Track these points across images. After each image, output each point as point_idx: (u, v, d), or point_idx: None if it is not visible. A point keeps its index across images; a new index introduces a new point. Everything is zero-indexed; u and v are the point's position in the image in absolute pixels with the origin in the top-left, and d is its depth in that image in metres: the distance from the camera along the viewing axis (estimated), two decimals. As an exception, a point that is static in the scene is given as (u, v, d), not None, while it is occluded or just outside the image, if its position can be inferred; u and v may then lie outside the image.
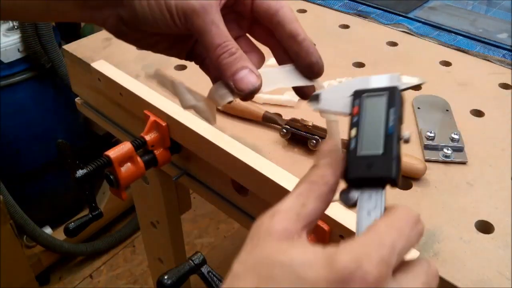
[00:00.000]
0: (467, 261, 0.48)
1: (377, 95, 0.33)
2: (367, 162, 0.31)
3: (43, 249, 1.46)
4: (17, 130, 1.37)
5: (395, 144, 0.32)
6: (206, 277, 0.52)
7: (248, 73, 0.38)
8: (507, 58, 0.80)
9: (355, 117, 0.33)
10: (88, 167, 0.61)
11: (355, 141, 0.32)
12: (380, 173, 0.31)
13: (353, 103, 0.34)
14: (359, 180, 0.31)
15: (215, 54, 0.38)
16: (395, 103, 0.32)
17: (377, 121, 0.32)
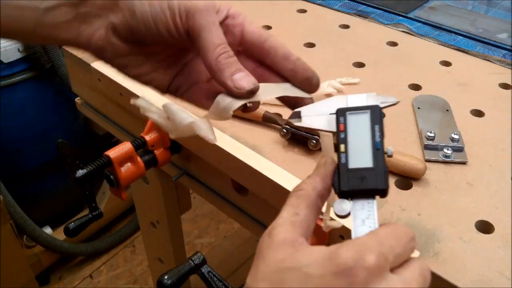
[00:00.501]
0: (467, 261, 0.48)
1: (360, 113, 0.36)
2: (359, 174, 0.34)
3: (43, 249, 1.46)
4: (17, 130, 1.37)
5: (383, 158, 0.34)
6: (206, 277, 0.52)
7: (246, 75, 0.38)
8: (507, 58, 0.80)
9: (342, 134, 0.35)
10: (88, 167, 0.61)
11: (345, 156, 0.35)
12: (373, 185, 0.33)
13: (338, 120, 0.36)
14: (351, 192, 0.34)
15: (214, 53, 0.38)
16: (378, 120, 0.35)
17: (363, 137, 0.35)
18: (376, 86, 0.74)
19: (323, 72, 0.77)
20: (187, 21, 0.38)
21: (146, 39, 0.40)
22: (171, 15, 0.38)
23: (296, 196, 0.34)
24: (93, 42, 0.41)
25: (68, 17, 0.39)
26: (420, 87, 0.74)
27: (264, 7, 0.96)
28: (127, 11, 0.39)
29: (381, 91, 0.72)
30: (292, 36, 0.86)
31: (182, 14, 0.38)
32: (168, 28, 0.39)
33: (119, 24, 0.39)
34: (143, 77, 0.43)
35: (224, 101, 0.39)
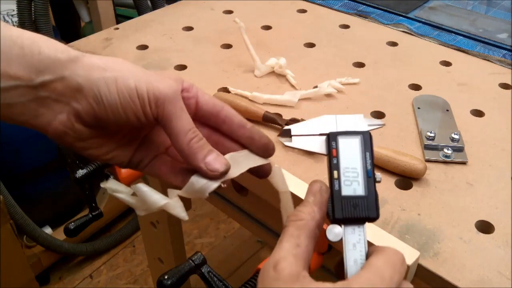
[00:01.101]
0: (467, 261, 0.48)
1: (351, 137, 0.37)
2: (352, 202, 0.35)
3: (43, 249, 1.46)
4: (17, 130, 1.37)
5: (374, 185, 0.36)
6: (206, 277, 0.52)
7: (217, 155, 0.40)
8: (507, 58, 0.80)
9: (334, 159, 0.36)
10: (88, 167, 0.61)
11: (338, 183, 0.36)
12: (365, 213, 0.35)
13: (330, 145, 0.37)
14: (345, 220, 0.35)
15: (186, 138, 0.39)
16: (369, 147, 0.36)
17: (355, 164, 0.36)
18: (376, 86, 0.74)
19: (323, 72, 0.77)
20: (157, 108, 0.38)
21: (111, 125, 0.40)
22: (141, 104, 0.38)
23: (296, 226, 0.35)
24: (52, 127, 0.39)
25: (24, 99, 0.38)
26: (420, 87, 0.74)
27: (264, 7, 0.96)
28: (92, 99, 0.38)
29: (381, 91, 0.72)
30: (292, 36, 0.86)
31: (152, 102, 0.38)
32: (138, 116, 0.38)
33: (83, 111, 0.38)
34: (104, 156, 0.42)
35: (198, 183, 0.40)
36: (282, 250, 0.33)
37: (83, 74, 0.38)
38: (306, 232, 0.34)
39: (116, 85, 0.38)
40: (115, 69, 0.38)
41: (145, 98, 0.38)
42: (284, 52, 0.80)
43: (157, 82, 0.38)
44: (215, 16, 0.93)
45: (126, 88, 0.38)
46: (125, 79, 0.38)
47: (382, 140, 0.63)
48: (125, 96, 0.38)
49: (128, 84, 0.38)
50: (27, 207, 1.36)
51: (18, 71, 0.36)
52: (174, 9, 0.97)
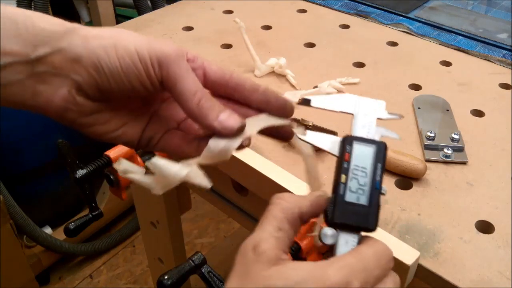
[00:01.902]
0: (467, 261, 0.48)
1: (366, 145, 0.36)
2: (353, 210, 0.35)
3: (43, 249, 1.46)
4: (17, 130, 1.37)
5: (379, 198, 0.35)
6: (206, 277, 0.52)
7: (230, 113, 0.38)
8: (507, 58, 0.80)
9: (345, 163, 0.36)
10: (88, 167, 0.61)
11: (344, 188, 0.35)
12: (364, 224, 0.35)
13: (344, 148, 0.36)
14: (342, 225, 0.35)
15: (194, 98, 0.37)
16: (382, 158, 0.36)
17: (365, 173, 0.36)
18: (376, 86, 0.74)
19: (323, 72, 0.77)
20: (161, 70, 0.37)
21: (115, 94, 0.38)
22: (144, 67, 0.36)
23: (280, 208, 0.34)
24: (53, 104, 0.37)
25: (21, 76, 0.36)
26: (420, 87, 0.74)
27: (264, 7, 0.96)
28: (93, 69, 0.36)
29: (381, 91, 0.72)
30: (292, 36, 0.86)
31: (155, 64, 0.36)
32: (142, 81, 0.37)
33: (84, 82, 0.36)
34: (111, 134, 0.40)
35: (218, 145, 0.38)
36: (263, 232, 0.33)
37: (81, 44, 0.36)
38: (289, 217, 0.34)
39: (116, 51, 0.36)
40: (113, 36, 0.37)
41: (147, 61, 0.36)
42: (284, 52, 0.80)
43: (158, 45, 0.37)
44: (215, 16, 0.93)
45: (126, 53, 0.36)
46: (125, 45, 0.36)
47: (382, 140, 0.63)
48: (126, 61, 0.36)
49: (128, 48, 0.36)
50: (27, 207, 1.36)
51: (14, 47, 0.35)
52: (174, 9, 0.97)
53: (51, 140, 1.33)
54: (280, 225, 0.33)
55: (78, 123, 0.39)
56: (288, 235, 0.33)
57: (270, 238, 0.32)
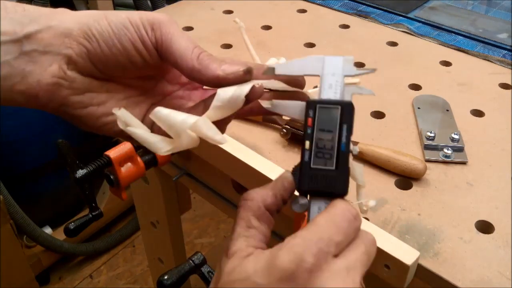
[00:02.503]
0: (467, 261, 0.48)
1: (330, 108, 0.35)
2: (320, 175, 0.34)
3: (43, 249, 1.46)
4: (17, 130, 1.37)
5: (346, 161, 0.34)
6: (206, 277, 0.52)
7: (232, 62, 0.36)
8: (507, 58, 0.80)
9: (309, 129, 0.34)
10: (88, 167, 0.61)
11: (309, 154, 0.34)
12: (332, 188, 0.33)
13: (307, 113, 0.35)
14: (311, 192, 0.34)
15: (193, 54, 0.36)
16: (348, 119, 0.34)
17: (330, 135, 0.34)
18: (376, 86, 0.74)
19: (323, 72, 0.77)
20: (154, 32, 0.36)
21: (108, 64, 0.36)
22: (136, 30, 0.36)
23: (244, 208, 0.34)
24: (44, 82, 0.35)
25: (10, 56, 0.34)
26: (420, 87, 0.74)
27: (264, 7, 0.96)
28: (84, 38, 0.35)
29: (381, 91, 0.72)
30: (292, 36, 0.86)
31: (147, 27, 0.36)
32: (135, 43, 0.36)
33: (76, 54, 0.35)
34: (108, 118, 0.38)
35: (227, 92, 0.35)
36: (234, 234, 0.33)
37: (71, 19, 0.36)
38: (255, 214, 0.34)
39: (107, 19, 0.36)
40: (104, 11, 0.37)
41: (139, 25, 0.36)
42: (284, 52, 0.80)
43: (149, 12, 0.37)
44: (215, 16, 0.93)
45: (117, 19, 0.36)
46: (115, 14, 0.36)
47: (382, 140, 0.63)
48: (117, 26, 0.35)
49: (119, 15, 0.36)
50: (27, 207, 1.36)
51: (2, 28, 0.34)
52: (174, 9, 0.97)
53: (51, 140, 1.33)
54: (248, 223, 0.33)
55: (71, 103, 0.37)
56: (260, 230, 0.33)
57: (239, 238, 0.33)
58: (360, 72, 0.37)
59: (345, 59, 0.37)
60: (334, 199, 0.33)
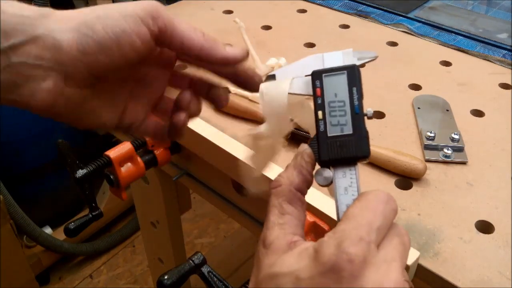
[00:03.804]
0: (467, 261, 0.48)
1: (336, 74, 0.34)
2: (339, 142, 0.33)
3: (43, 249, 1.46)
4: (17, 130, 1.37)
5: (363, 122, 0.33)
6: (206, 277, 0.52)
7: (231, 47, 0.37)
8: (507, 58, 0.80)
9: (319, 99, 0.34)
10: (88, 167, 0.61)
11: (324, 123, 0.33)
12: (353, 152, 0.32)
13: (314, 84, 0.34)
14: (332, 161, 0.33)
15: (197, 34, 0.36)
16: (356, 82, 0.34)
17: (341, 101, 0.33)
18: (376, 86, 0.74)
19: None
20: (157, 21, 0.35)
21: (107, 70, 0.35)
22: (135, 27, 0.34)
23: (275, 194, 0.33)
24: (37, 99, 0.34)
25: None
26: (420, 87, 0.74)
27: (264, 7, 0.96)
28: (77, 50, 0.33)
29: (381, 91, 0.72)
30: (292, 36, 0.86)
31: (147, 19, 0.35)
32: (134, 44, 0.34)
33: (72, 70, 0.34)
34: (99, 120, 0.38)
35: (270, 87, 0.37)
36: (268, 223, 0.32)
37: (58, 28, 0.33)
38: (286, 199, 0.33)
39: (101, 23, 0.33)
40: (94, 11, 0.34)
41: (138, 20, 0.34)
42: (284, 52, 0.80)
43: (140, 2, 0.35)
44: (215, 16, 0.93)
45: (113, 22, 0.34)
46: (108, 14, 0.34)
47: (382, 140, 0.63)
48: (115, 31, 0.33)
49: (112, 15, 0.34)
50: (27, 207, 1.36)
51: None
52: (174, 9, 0.97)
53: (51, 140, 1.33)
54: (281, 210, 0.32)
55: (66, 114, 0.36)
56: (294, 215, 0.32)
57: (274, 227, 0.31)
58: (362, 62, 0.37)
59: (344, 53, 0.37)
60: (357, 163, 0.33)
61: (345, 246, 0.27)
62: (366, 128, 0.33)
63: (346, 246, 0.27)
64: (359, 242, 0.28)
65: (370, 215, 0.29)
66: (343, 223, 0.29)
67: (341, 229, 0.29)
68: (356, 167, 0.33)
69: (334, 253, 0.27)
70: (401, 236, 0.30)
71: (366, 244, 0.28)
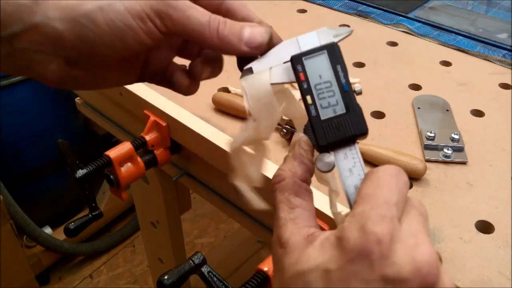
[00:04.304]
0: (467, 261, 0.48)
1: (317, 55, 0.33)
2: (334, 124, 0.32)
3: (43, 249, 1.46)
4: (17, 130, 1.37)
5: (354, 99, 0.32)
6: (206, 277, 0.52)
7: (250, 26, 0.36)
8: (507, 58, 0.80)
9: (304, 84, 0.33)
10: (88, 167, 0.61)
11: (314, 107, 0.32)
12: (351, 131, 0.32)
13: (295, 69, 0.33)
14: (331, 145, 0.32)
15: (211, 31, 0.34)
16: (339, 59, 0.33)
17: (327, 82, 0.33)
18: (376, 86, 0.74)
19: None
20: (163, 21, 0.33)
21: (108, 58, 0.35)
22: (140, 23, 0.33)
23: (280, 189, 0.32)
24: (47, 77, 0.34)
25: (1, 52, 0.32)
26: (420, 87, 0.74)
27: (264, 7, 0.96)
28: (79, 40, 0.32)
29: (381, 91, 0.72)
30: (292, 36, 0.86)
31: (154, 18, 0.33)
32: (139, 38, 0.34)
33: (74, 56, 0.33)
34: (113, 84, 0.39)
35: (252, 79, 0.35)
36: (279, 221, 0.31)
37: (59, 16, 0.32)
38: (292, 191, 0.31)
39: (103, 16, 0.32)
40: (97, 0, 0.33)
41: (144, 17, 0.33)
42: (284, 52, 0.80)
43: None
44: (215, 16, 0.93)
45: (115, 15, 0.32)
46: (111, 5, 0.32)
47: (382, 140, 0.63)
48: (117, 25, 0.32)
49: (117, 9, 0.32)
50: (27, 207, 1.36)
51: None
52: (174, 9, 0.96)
53: (51, 140, 1.33)
54: (290, 204, 0.31)
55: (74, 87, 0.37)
56: (304, 207, 0.31)
57: (286, 224, 0.30)
58: (339, 38, 0.36)
59: (318, 32, 0.36)
60: (356, 140, 0.32)
61: (369, 227, 0.26)
62: (358, 104, 0.32)
63: (371, 227, 0.26)
64: (382, 220, 0.26)
65: (385, 192, 0.28)
66: (360, 205, 0.28)
67: (360, 211, 0.27)
68: (356, 145, 0.32)
69: (360, 237, 0.26)
70: (418, 208, 0.29)
71: (389, 221, 0.27)
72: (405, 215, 0.28)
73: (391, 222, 0.27)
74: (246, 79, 0.35)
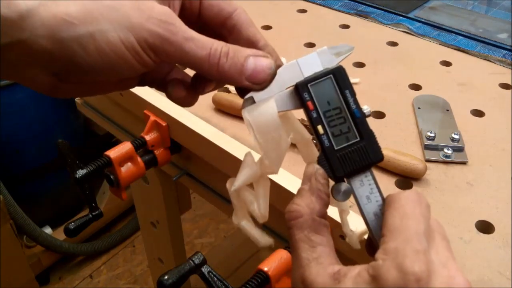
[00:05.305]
0: (467, 261, 0.48)
1: (322, 80, 0.32)
2: (349, 153, 0.31)
3: (43, 249, 1.46)
4: (17, 130, 1.37)
5: (366, 124, 0.32)
6: (206, 277, 0.52)
7: (254, 59, 0.33)
8: (507, 58, 0.80)
9: (313, 113, 0.32)
10: (88, 167, 0.61)
11: (327, 137, 0.31)
12: (369, 159, 0.31)
13: (303, 98, 0.32)
14: (347, 174, 0.31)
15: (211, 63, 0.32)
16: (346, 83, 0.32)
17: (336, 108, 0.31)
18: (376, 86, 0.74)
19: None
20: (157, 55, 0.32)
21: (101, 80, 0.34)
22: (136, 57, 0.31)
23: (297, 227, 0.31)
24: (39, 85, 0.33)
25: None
26: (420, 87, 0.74)
27: (264, 7, 0.96)
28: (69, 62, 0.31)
29: (381, 91, 0.72)
30: (292, 36, 0.86)
31: (148, 51, 0.31)
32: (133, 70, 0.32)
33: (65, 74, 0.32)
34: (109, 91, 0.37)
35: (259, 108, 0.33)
36: (302, 261, 0.30)
37: (47, 34, 0.30)
38: (311, 228, 0.30)
39: (95, 44, 0.30)
40: (86, 21, 0.30)
41: (138, 50, 0.31)
42: (284, 52, 0.80)
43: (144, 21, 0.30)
44: (215, 16, 0.93)
45: (108, 45, 0.30)
46: (104, 33, 0.30)
47: (382, 140, 0.63)
48: (110, 57, 0.30)
49: (109, 39, 0.30)
50: (27, 207, 1.36)
51: None
52: (174, 9, 0.96)
53: (51, 140, 1.33)
54: (311, 243, 0.30)
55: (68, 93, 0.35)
56: (325, 243, 0.30)
57: (310, 264, 0.29)
58: (341, 58, 0.35)
59: (319, 53, 0.34)
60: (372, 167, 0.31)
61: (408, 266, 0.26)
62: (371, 129, 0.32)
63: (409, 266, 0.26)
64: (417, 256, 0.26)
65: (413, 222, 0.28)
66: (391, 239, 0.28)
67: (393, 247, 0.27)
68: (371, 171, 0.32)
69: (400, 277, 0.26)
70: (439, 231, 0.29)
71: (424, 256, 0.26)
72: (431, 242, 0.28)
73: (425, 256, 0.27)
74: (249, 110, 0.33)
